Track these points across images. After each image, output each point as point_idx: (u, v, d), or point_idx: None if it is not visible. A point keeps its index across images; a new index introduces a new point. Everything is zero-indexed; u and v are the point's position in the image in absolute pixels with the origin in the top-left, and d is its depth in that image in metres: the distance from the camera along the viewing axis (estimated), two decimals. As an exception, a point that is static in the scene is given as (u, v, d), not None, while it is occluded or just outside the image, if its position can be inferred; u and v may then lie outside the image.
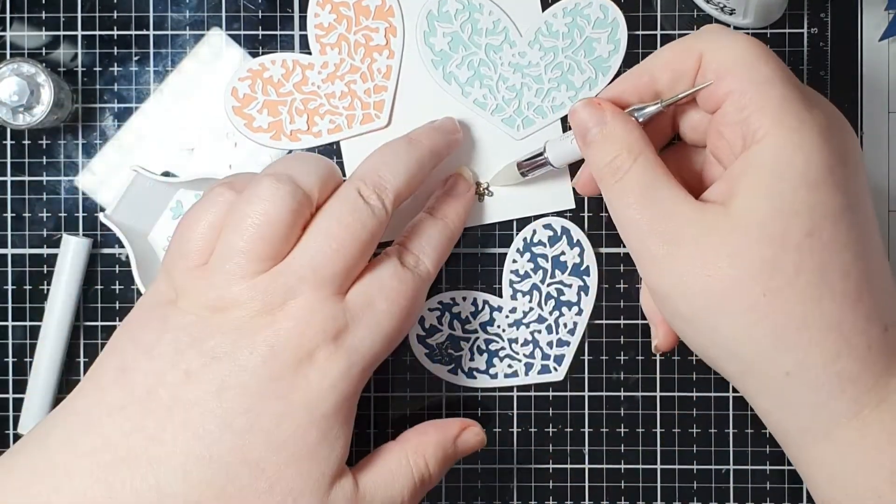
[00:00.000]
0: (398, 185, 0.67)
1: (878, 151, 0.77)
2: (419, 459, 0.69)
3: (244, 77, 0.76)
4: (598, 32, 0.76)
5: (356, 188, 0.66)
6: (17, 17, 0.77)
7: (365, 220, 0.65)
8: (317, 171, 0.66)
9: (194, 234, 0.64)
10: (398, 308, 0.66)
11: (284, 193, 0.63)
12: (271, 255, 0.62)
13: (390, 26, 0.76)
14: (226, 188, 0.65)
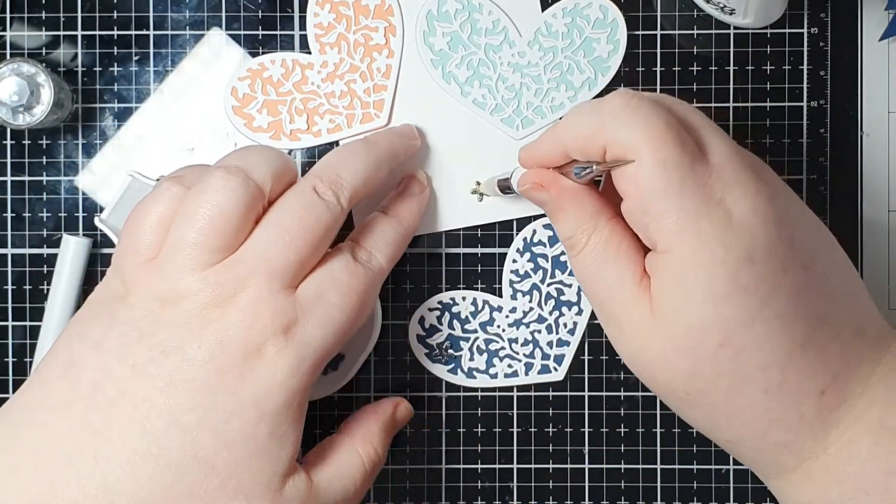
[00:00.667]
0: (355, 182, 0.67)
1: (878, 151, 0.77)
2: (368, 447, 0.70)
3: (244, 77, 0.76)
4: (598, 33, 0.76)
5: (312, 184, 0.66)
6: (17, 17, 0.77)
7: (319, 215, 0.64)
8: (270, 163, 0.65)
9: (143, 229, 0.64)
10: (349, 302, 0.65)
11: (236, 185, 0.62)
12: (223, 246, 0.62)
13: (390, 25, 0.76)
14: (174, 182, 0.65)
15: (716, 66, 0.77)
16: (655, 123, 0.58)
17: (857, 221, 0.77)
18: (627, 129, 0.59)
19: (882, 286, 0.77)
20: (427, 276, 0.78)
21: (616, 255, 0.63)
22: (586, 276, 0.64)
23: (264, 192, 0.64)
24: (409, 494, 0.78)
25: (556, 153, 0.64)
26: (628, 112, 0.59)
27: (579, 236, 0.64)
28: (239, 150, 0.67)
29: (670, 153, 0.58)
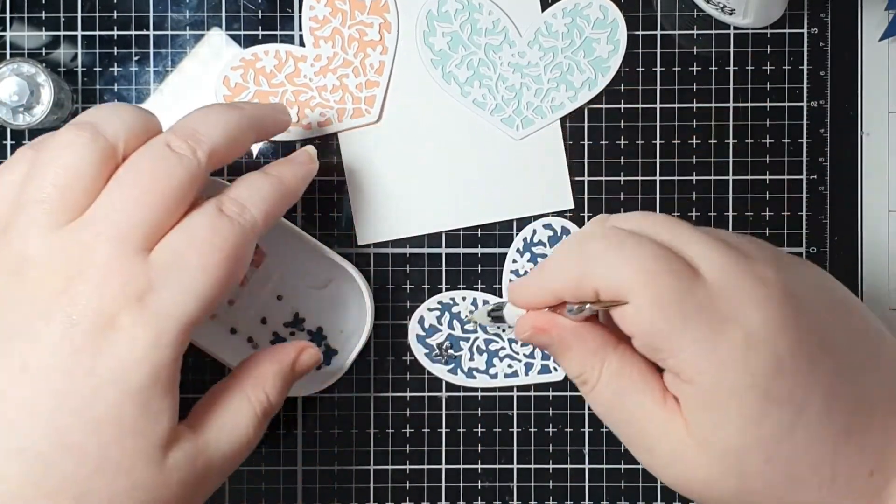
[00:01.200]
0: (214, 139, 0.62)
1: (879, 151, 0.77)
2: (259, 394, 0.66)
3: (236, 66, 0.76)
4: (598, 33, 0.76)
5: (165, 140, 0.61)
6: (17, 17, 0.77)
7: (171, 170, 0.59)
8: (124, 119, 0.61)
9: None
10: (212, 261, 0.59)
11: (85, 141, 0.59)
12: (70, 207, 0.58)
13: (385, 22, 0.76)
14: (28, 147, 0.61)
15: (716, 66, 0.77)
16: (643, 261, 0.56)
17: (857, 221, 0.77)
18: (615, 272, 0.57)
19: (882, 286, 0.77)
20: (427, 276, 0.78)
21: (632, 384, 0.59)
22: (606, 410, 0.61)
23: (117, 150, 0.60)
24: (409, 494, 0.78)
25: (546, 297, 0.61)
26: (612, 253, 0.57)
27: (589, 373, 0.61)
28: (96, 107, 0.63)
29: (665, 290, 0.55)
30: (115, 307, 0.57)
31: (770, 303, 0.55)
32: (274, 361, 0.68)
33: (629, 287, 0.56)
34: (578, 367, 0.61)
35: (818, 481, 0.56)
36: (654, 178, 0.77)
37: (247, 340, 0.77)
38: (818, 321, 0.57)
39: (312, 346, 0.69)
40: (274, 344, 0.76)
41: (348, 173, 0.77)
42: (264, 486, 0.77)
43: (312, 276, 0.77)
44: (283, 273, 0.77)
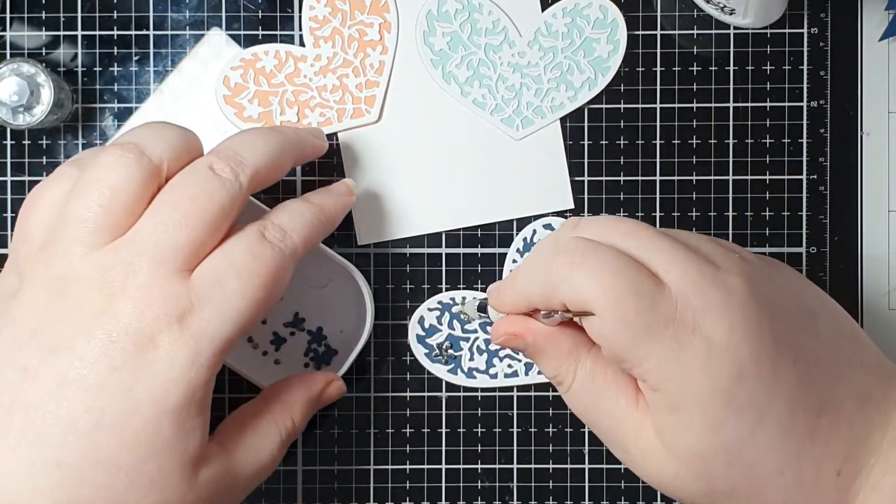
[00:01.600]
0: (256, 162, 0.63)
1: (878, 151, 0.77)
2: (287, 420, 0.69)
3: (236, 66, 0.76)
4: (598, 33, 0.76)
5: (208, 162, 0.62)
6: (17, 17, 0.77)
7: (213, 192, 0.61)
8: (168, 140, 0.62)
9: (35, 214, 0.61)
10: (252, 286, 0.61)
11: (129, 161, 0.59)
12: (113, 226, 0.59)
13: (385, 22, 0.76)
14: (70, 165, 0.62)
15: (716, 66, 0.77)
16: (606, 277, 0.57)
17: (857, 221, 0.77)
18: (579, 289, 0.58)
19: (882, 286, 0.77)
20: (427, 276, 0.78)
21: (605, 384, 0.62)
22: (581, 410, 0.64)
23: (160, 171, 0.61)
24: (409, 494, 0.78)
25: (520, 304, 0.63)
26: (575, 270, 0.58)
27: (564, 374, 0.63)
28: (139, 127, 0.64)
29: (627, 307, 0.56)
30: (155, 327, 0.58)
31: (733, 311, 0.57)
32: (303, 390, 0.71)
33: (592, 303, 0.57)
34: (553, 369, 0.64)
35: (783, 484, 0.58)
36: (654, 178, 0.77)
37: (247, 341, 0.77)
38: (784, 327, 0.58)
39: (339, 380, 0.74)
40: (274, 343, 0.77)
41: (348, 173, 0.77)
42: (264, 486, 0.77)
43: (313, 275, 0.77)
44: None
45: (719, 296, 0.57)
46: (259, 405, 0.69)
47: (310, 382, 0.72)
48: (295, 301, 0.77)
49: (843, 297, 0.75)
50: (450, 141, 0.77)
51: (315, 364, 0.77)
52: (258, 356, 0.77)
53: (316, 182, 0.76)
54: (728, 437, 0.56)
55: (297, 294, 0.77)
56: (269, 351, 0.77)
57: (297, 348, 0.78)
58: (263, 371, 0.76)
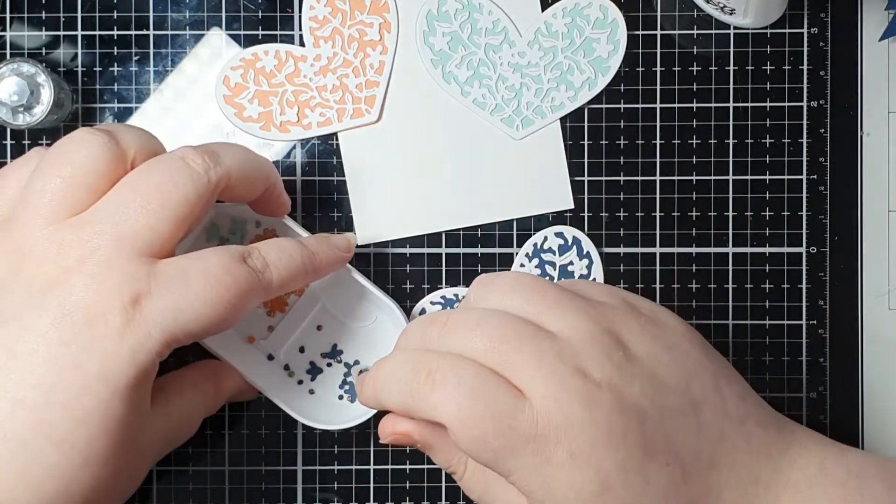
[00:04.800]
0: (231, 164, 0.63)
1: (879, 151, 0.77)
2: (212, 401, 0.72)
3: (236, 66, 0.76)
4: (598, 33, 0.76)
5: (182, 152, 0.62)
6: (17, 17, 0.77)
7: (178, 180, 0.60)
8: (140, 135, 0.63)
9: (3, 190, 0.62)
10: (215, 296, 0.60)
11: (95, 140, 0.60)
12: (73, 203, 0.59)
13: (385, 22, 0.76)
14: (41, 147, 0.63)
15: (716, 66, 0.77)
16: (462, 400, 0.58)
17: (857, 221, 0.77)
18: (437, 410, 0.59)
19: (882, 286, 0.77)
20: (427, 276, 0.77)
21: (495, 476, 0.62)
22: (476, 497, 0.66)
23: (126, 156, 0.61)
24: (409, 494, 0.78)
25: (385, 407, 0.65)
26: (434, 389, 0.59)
27: (456, 465, 0.66)
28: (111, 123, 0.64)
29: (485, 428, 0.57)
30: (108, 303, 0.57)
31: (596, 426, 0.57)
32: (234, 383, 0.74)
33: (450, 426, 0.58)
34: (446, 461, 0.66)
35: None
36: (654, 178, 0.77)
37: (283, 368, 0.77)
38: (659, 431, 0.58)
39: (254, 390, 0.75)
40: (310, 374, 0.78)
41: (348, 173, 0.77)
42: (264, 486, 0.77)
43: (357, 312, 0.77)
44: (326, 303, 0.77)
45: (580, 411, 0.57)
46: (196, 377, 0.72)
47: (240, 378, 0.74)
48: (336, 334, 0.77)
49: (843, 297, 0.76)
50: (450, 141, 0.77)
51: (350, 397, 0.77)
52: (293, 384, 0.77)
53: (316, 182, 0.77)
54: None
55: (339, 328, 0.77)
56: (304, 380, 0.77)
57: (334, 380, 0.77)
58: (297, 400, 0.76)
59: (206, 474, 0.77)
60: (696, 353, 0.63)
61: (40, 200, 0.59)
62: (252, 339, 0.77)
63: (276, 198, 0.71)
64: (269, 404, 0.75)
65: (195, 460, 0.77)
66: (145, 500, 0.77)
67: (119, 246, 0.58)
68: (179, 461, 0.77)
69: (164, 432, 0.67)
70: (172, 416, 0.68)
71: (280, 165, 0.77)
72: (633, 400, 0.58)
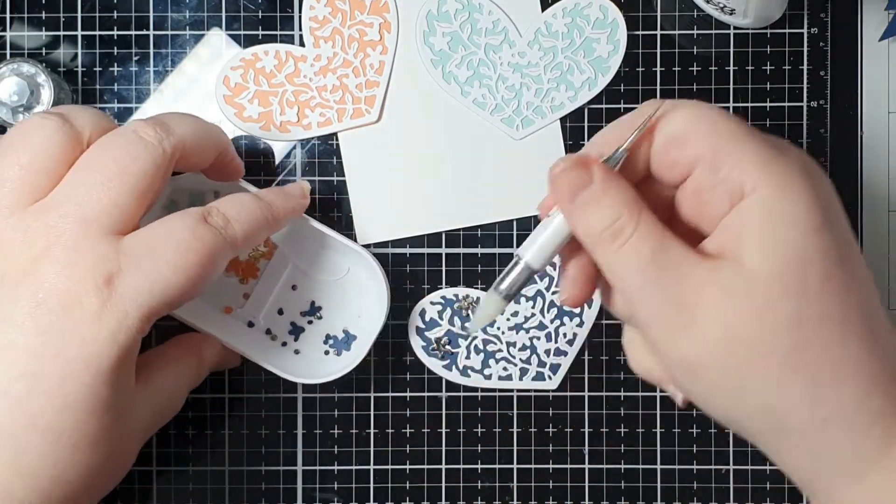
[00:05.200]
0: (183, 133, 0.63)
1: (879, 151, 0.77)
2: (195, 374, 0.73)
3: (236, 66, 0.76)
4: (598, 33, 0.76)
5: (133, 126, 0.62)
6: (17, 17, 0.77)
7: (136, 154, 0.60)
8: (93, 114, 0.63)
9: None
10: (185, 263, 0.60)
11: (52, 124, 0.60)
12: (34, 188, 0.59)
13: (385, 22, 0.76)
14: None
15: (716, 66, 0.77)
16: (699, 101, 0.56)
17: (858, 221, 0.77)
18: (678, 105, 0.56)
19: (882, 286, 0.77)
20: (427, 276, 0.78)
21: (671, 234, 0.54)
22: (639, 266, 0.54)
23: (82, 137, 0.61)
24: (409, 494, 0.78)
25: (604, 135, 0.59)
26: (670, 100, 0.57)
27: (626, 219, 0.54)
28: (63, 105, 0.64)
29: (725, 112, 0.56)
30: (81, 288, 0.58)
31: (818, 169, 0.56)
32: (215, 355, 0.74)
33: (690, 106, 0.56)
34: (614, 214, 0.55)
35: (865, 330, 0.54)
36: (654, 178, 0.77)
37: (265, 332, 0.78)
38: None
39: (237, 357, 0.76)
40: (292, 334, 0.78)
41: (348, 173, 0.77)
42: (264, 486, 0.77)
43: (330, 267, 0.78)
44: (297, 262, 0.77)
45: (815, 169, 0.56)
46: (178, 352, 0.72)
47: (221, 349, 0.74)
48: (312, 291, 0.78)
49: (843, 297, 0.76)
50: (450, 141, 0.77)
51: (336, 350, 0.77)
52: (277, 347, 0.78)
53: (316, 182, 0.77)
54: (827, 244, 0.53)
55: (314, 285, 0.78)
56: (288, 342, 0.78)
57: (316, 337, 0.78)
58: (284, 360, 0.76)
59: (207, 474, 0.77)
60: None
61: (0, 191, 0.59)
62: (229, 310, 0.78)
63: (230, 162, 0.71)
64: (269, 402, 0.75)
65: (195, 460, 0.77)
66: (145, 500, 0.77)
67: (85, 227, 0.58)
68: (179, 461, 0.77)
69: (150, 409, 0.67)
70: (157, 393, 0.68)
71: (280, 165, 0.77)
72: None
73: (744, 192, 0.54)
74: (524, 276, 0.60)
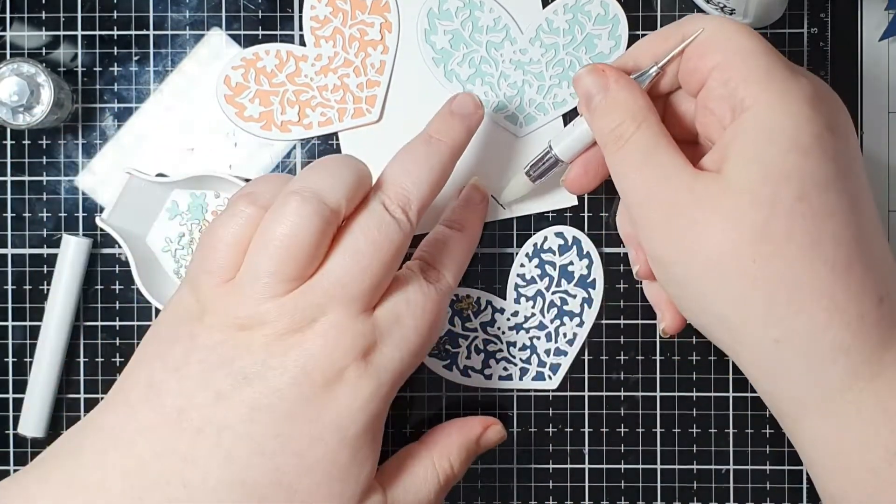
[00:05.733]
0: (422, 195, 0.66)
1: (878, 151, 0.77)
2: (444, 463, 0.71)
3: (237, 66, 0.76)
4: (599, 29, 0.76)
5: (381, 202, 0.65)
6: (17, 17, 0.77)
7: (392, 236, 0.63)
8: (344, 183, 0.64)
9: (218, 251, 0.63)
10: (424, 323, 0.65)
11: (311, 213, 0.61)
12: (299, 274, 0.61)
13: (386, 22, 0.76)
14: (247, 202, 0.63)
15: (716, 66, 0.77)
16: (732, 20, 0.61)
17: (857, 221, 0.77)
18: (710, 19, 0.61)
19: (882, 286, 0.77)
20: (427, 275, 0.78)
21: (668, 141, 0.61)
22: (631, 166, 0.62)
23: (339, 215, 0.63)
24: (409, 494, 0.78)
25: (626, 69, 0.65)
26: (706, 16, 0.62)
27: (627, 126, 0.62)
28: (315, 169, 0.65)
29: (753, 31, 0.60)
30: (343, 362, 0.61)
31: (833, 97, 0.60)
32: (462, 433, 0.74)
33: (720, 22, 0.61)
34: (618, 118, 0.63)
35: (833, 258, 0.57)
36: (655, 178, 0.77)
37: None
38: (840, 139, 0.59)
39: (498, 424, 0.75)
40: None
41: (349, 172, 0.77)
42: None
43: None
44: None
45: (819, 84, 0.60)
46: (419, 448, 0.72)
47: (468, 427, 0.74)
48: None
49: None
50: (452, 139, 0.76)
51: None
52: None
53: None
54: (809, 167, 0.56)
55: None
56: None
57: None
58: None
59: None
60: None
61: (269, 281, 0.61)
62: None
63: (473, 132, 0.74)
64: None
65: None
66: None
67: (348, 307, 0.62)
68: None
69: None
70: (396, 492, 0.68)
71: (281, 165, 0.77)
72: None
73: (744, 105, 0.58)
74: (551, 164, 0.71)
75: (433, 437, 0.73)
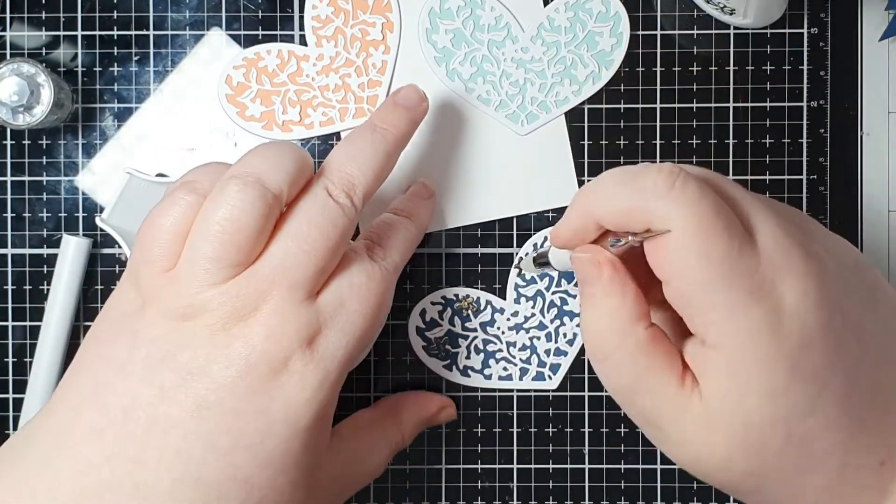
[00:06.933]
0: (367, 181, 0.65)
1: (878, 151, 0.77)
2: (397, 435, 0.74)
3: (239, 65, 0.77)
4: (601, 26, 0.76)
5: (325, 187, 0.64)
6: (17, 17, 0.77)
7: (335, 220, 0.63)
8: (286, 168, 0.63)
9: (158, 239, 0.62)
10: (369, 306, 0.64)
11: (253, 198, 0.60)
12: (241, 260, 0.60)
13: (387, 21, 0.77)
14: (187, 190, 0.63)
15: (716, 66, 0.77)
16: (704, 210, 0.54)
17: (857, 221, 0.77)
18: (673, 213, 0.55)
19: (882, 286, 0.77)
20: (427, 275, 0.78)
21: (653, 357, 0.58)
22: (618, 384, 0.59)
23: (281, 200, 0.62)
24: (409, 494, 0.78)
25: (588, 226, 0.60)
26: (675, 193, 0.55)
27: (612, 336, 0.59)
28: (254, 154, 0.64)
29: (717, 245, 0.54)
30: (288, 351, 0.60)
31: (810, 280, 0.54)
32: (417, 412, 0.76)
33: (683, 231, 0.54)
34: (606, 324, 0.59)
35: (828, 467, 0.55)
36: (655, 178, 0.77)
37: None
38: (851, 304, 0.56)
39: (452, 407, 0.78)
40: None
41: (349, 172, 0.77)
42: (263, 485, 0.77)
43: None
44: None
45: (801, 259, 0.55)
46: (375, 415, 0.74)
47: (425, 403, 0.77)
48: None
49: (845, 295, 0.76)
50: (454, 138, 0.77)
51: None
52: None
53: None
54: (790, 406, 0.54)
55: None
56: None
57: None
58: None
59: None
60: None
61: (209, 266, 0.60)
62: None
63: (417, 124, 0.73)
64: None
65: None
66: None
67: (292, 293, 0.61)
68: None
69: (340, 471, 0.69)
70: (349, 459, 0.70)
71: (281, 164, 0.77)
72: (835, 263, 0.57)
73: (707, 340, 0.56)
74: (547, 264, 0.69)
75: (389, 407, 0.75)
